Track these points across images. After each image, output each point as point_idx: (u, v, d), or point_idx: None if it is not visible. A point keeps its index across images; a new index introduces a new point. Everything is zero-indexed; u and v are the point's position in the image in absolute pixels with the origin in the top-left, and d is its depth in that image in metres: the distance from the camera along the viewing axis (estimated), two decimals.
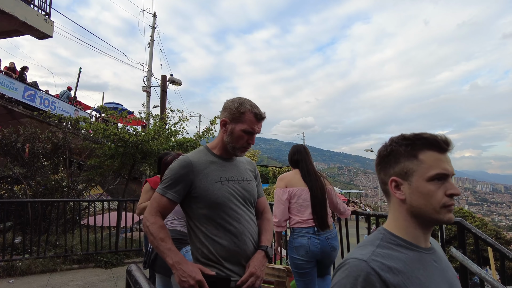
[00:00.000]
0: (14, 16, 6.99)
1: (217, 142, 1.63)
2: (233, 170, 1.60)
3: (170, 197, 1.49)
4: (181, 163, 1.51)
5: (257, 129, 1.55)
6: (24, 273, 4.91)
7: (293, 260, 2.58)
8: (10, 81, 12.27)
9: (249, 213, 1.57)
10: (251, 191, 1.61)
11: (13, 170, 7.32)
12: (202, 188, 1.48)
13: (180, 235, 2.39)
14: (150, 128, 7.62)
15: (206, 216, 1.48)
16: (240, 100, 1.55)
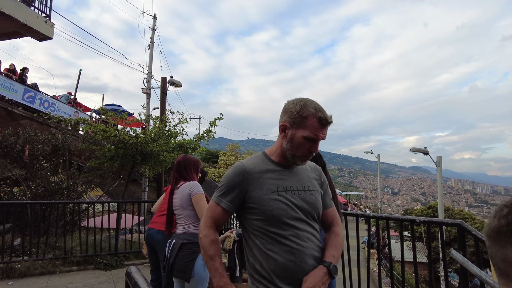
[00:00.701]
0: (15, 18, 6.99)
1: (276, 147, 1.47)
2: (293, 179, 1.43)
3: (224, 206, 1.39)
4: (236, 170, 1.40)
5: (321, 135, 1.37)
6: (23, 275, 4.90)
7: None
8: (10, 83, 12.28)
9: (310, 228, 1.38)
10: (313, 203, 1.42)
11: (13, 171, 7.31)
12: (257, 198, 1.35)
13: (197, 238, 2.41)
14: (150, 130, 7.62)
15: (261, 229, 1.35)
16: (303, 101, 1.38)
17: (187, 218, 2.48)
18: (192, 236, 2.43)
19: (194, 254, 2.37)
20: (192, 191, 2.47)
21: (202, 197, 2.49)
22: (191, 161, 2.70)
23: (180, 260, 2.35)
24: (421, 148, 15.00)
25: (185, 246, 2.38)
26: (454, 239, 19.99)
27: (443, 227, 3.01)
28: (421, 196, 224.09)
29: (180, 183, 2.57)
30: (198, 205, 2.46)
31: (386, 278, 16.01)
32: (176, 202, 2.53)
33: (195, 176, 2.66)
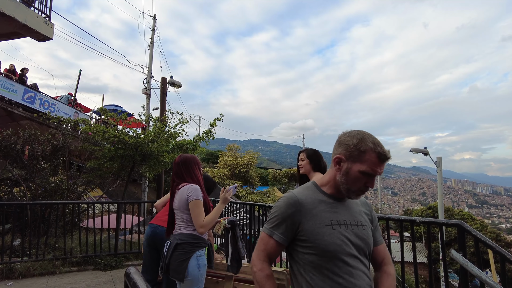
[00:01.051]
0: (14, 19, 7.00)
1: (328, 179, 1.42)
2: (345, 213, 1.38)
3: (277, 239, 1.34)
4: (288, 201, 1.35)
5: (379, 171, 1.30)
6: (23, 276, 4.89)
7: None
8: (10, 83, 12.29)
9: (362, 266, 1.32)
10: (366, 240, 1.36)
11: (13, 172, 7.30)
12: (310, 231, 1.30)
13: (194, 239, 2.42)
14: (149, 130, 7.62)
15: (313, 264, 1.29)
16: (360, 135, 1.32)
17: (184, 220, 2.48)
18: (187, 236, 2.43)
19: (188, 254, 2.36)
20: (190, 196, 2.44)
21: (199, 204, 2.46)
22: (190, 160, 2.65)
23: (174, 260, 2.36)
24: (421, 149, 15.00)
25: (179, 246, 2.38)
26: (454, 240, 19.98)
27: (443, 227, 3.00)
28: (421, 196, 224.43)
29: (181, 185, 2.56)
30: (194, 211, 2.44)
31: None
32: (175, 204, 2.54)
33: (195, 176, 2.61)
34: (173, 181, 2.65)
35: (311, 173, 2.96)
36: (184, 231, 2.45)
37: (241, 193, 15.43)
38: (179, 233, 2.46)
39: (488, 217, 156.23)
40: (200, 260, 2.40)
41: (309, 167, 2.96)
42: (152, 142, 7.09)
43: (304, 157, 3.01)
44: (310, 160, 2.96)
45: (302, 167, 3.00)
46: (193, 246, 2.39)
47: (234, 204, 7.27)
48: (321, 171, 2.95)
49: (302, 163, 3.00)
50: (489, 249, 2.56)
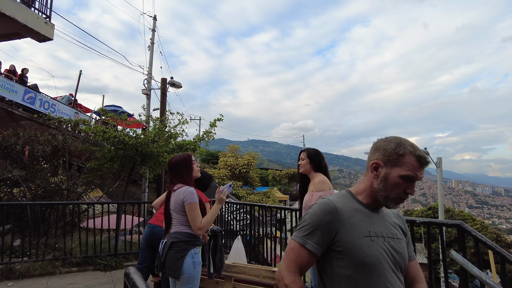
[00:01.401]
0: (15, 19, 7.00)
1: (364, 187, 1.33)
2: (381, 224, 1.30)
3: (310, 248, 1.22)
4: (325, 207, 1.25)
5: (419, 175, 1.24)
6: (23, 276, 4.89)
7: None
8: (10, 84, 12.30)
9: (399, 283, 1.24)
10: (402, 254, 1.28)
11: (13, 172, 7.31)
12: (348, 242, 1.21)
13: (189, 237, 2.45)
14: (150, 131, 7.62)
15: (349, 279, 1.20)
16: (397, 139, 1.28)
17: (179, 220, 2.53)
18: (182, 235, 2.46)
19: (183, 252, 2.40)
20: (186, 200, 2.47)
21: (195, 207, 2.49)
22: (179, 162, 2.67)
23: (170, 258, 2.40)
24: (421, 149, 15.01)
25: (174, 245, 2.42)
26: (454, 240, 19.96)
27: (443, 228, 3.00)
28: (421, 197, 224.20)
29: (177, 186, 2.59)
30: (191, 215, 2.47)
31: None
32: (171, 205, 2.58)
33: (188, 177, 2.63)
34: (170, 182, 2.69)
35: (312, 173, 2.95)
36: (179, 230, 2.49)
37: (241, 194, 15.41)
38: (174, 232, 2.50)
39: (489, 217, 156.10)
40: (195, 258, 2.43)
41: (309, 166, 2.95)
42: (152, 142, 7.09)
43: (305, 156, 3.00)
44: (311, 160, 2.95)
45: (302, 167, 3.00)
46: (188, 244, 2.42)
47: (234, 205, 7.26)
48: (322, 171, 2.95)
49: (302, 163, 3.00)
50: (490, 250, 2.55)
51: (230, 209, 7.28)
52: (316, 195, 2.73)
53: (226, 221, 7.22)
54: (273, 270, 3.18)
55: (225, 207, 7.21)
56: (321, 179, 2.83)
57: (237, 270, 3.29)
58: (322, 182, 2.80)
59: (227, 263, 3.39)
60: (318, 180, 2.82)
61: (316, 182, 2.82)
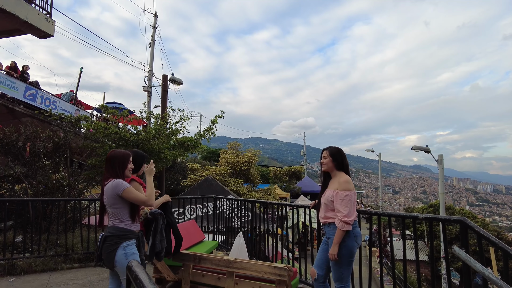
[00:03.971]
0: (15, 15, 7.00)
1: None
2: None
3: None
4: None
5: None
6: (25, 272, 4.91)
7: (352, 249, 2.88)
8: (11, 81, 12.29)
9: None
10: None
11: (14, 169, 7.31)
12: None
13: (120, 232, 2.63)
14: (151, 128, 7.61)
15: None
16: None
17: (113, 214, 2.69)
18: (115, 229, 2.64)
19: (115, 245, 2.60)
20: (118, 190, 2.61)
21: (130, 190, 2.62)
22: (116, 157, 2.78)
23: (104, 251, 2.62)
24: (423, 146, 14.95)
25: (108, 239, 2.63)
26: (455, 238, 19.94)
27: (445, 224, 2.99)
28: (422, 195, 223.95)
29: (108, 181, 2.72)
30: (132, 198, 2.63)
31: (387, 277, 15.99)
32: (105, 200, 2.71)
33: (121, 172, 2.75)
34: (104, 176, 2.82)
35: (334, 171, 3.05)
36: (113, 225, 2.67)
37: (242, 191, 15.41)
38: (109, 227, 2.69)
39: (490, 215, 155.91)
40: (127, 249, 2.61)
41: (332, 165, 3.04)
42: (153, 139, 7.08)
43: (327, 155, 3.07)
44: (333, 158, 3.04)
45: (324, 165, 3.07)
46: (120, 238, 2.61)
47: (235, 202, 7.25)
48: (344, 170, 3.03)
49: (325, 161, 3.06)
50: (491, 247, 2.54)
51: (232, 206, 7.27)
52: (342, 194, 2.85)
53: (228, 218, 7.22)
54: (274, 265, 3.18)
55: (226, 203, 7.22)
56: (347, 179, 2.94)
57: (238, 266, 3.29)
58: (347, 182, 2.91)
59: (228, 259, 3.40)
60: (344, 180, 2.92)
61: (342, 181, 2.92)
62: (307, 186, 27.44)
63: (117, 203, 2.65)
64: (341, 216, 2.82)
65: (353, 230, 2.90)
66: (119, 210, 2.66)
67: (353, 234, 2.91)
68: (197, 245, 4.82)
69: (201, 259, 3.50)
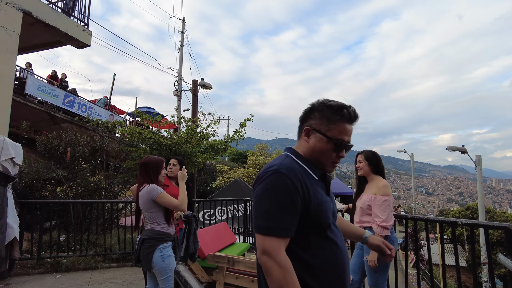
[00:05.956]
0: (57, 28, 7.42)
1: None
2: None
3: None
4: None
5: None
6: (69, 269, 5.20)
7: None
8: (52, 89, 13.06)
9: None
10: None
11: (56, 172, 7.75)
12: None
13: (157, 235, 2.76)
14: (183, 132, 7.83)
15: None
16: None
17: (149, 219, 2.80)
18: (151, 232, 2.77)
19: (152, 248, 2.72)
20: (153, 196, 2.73)
21: (164, 195, 2.75)
22: (150, 163, 2.89)
23: (142, 253, 2.75)
24: (458, 147, 14.30)
25: (145, 241, 2.76)
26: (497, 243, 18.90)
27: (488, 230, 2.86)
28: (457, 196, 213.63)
29: (143, 186, 2.83)
30: (165, 202, 2.75)
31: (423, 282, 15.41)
32: (140, 205, 2.83)
33: (155, 177, 2.87)
34: (138, 180, 2.94)
35: (371, 175, 3.03)
36: (150, 228, 2.79)
37: None
38: (146, 230, 2.81)
39: None
40: (164, 252, 2.73)
41: (368, 169, 3.01)
42: (185, 143, 7.29)
43: (363, 159, 3.05)
44: (369, 162, 3.01)
45: (360, 169, 3.05)
46: (157, 240, 2.73)
47: None
48: (380, 173, 3.00)
49: (361, 165, 3.05)
50: None
51: None
52: (380, 199, 2.82)
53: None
54: None
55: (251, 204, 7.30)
56: (385, 183, 2.91)
57: None
58: (386, 187, 2.88)
59: None
60: (383, 184, 2.90)
61: (381, 186, 2.89)
62: (336, 188, 27.00)
63: (152, 207, 2.77)
64: (379, 221, 2.79)
65: (390, 235, 2.85)
66: (154, 214, 2.78)
67: (390, 239, 2.86)
68: (229, 247, 4.91)
69: (235, 261, 3.57)
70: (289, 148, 1.39)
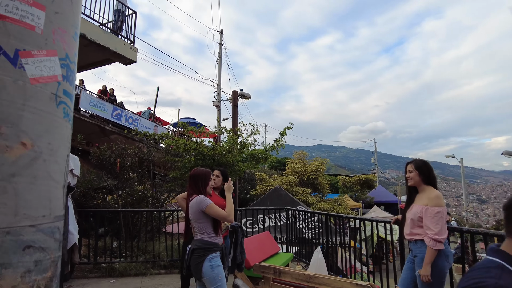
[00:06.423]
0: (107, 47, 7.98)
1: None
2: None
3: None
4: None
5: None
6: (122, 275, 5.49)
7: (443, 269, 2.72)
8: (102, 103, 13.99)
9: None
10: None
11: (107, 181, 8.26)
12: None
13: (206, 245, 2.83)
14: (225, 142, 8.05)
15: None
16: None
17: (198, 229, 2.89)
18: (201, 242, 2.84)
19: (202, 257, 2.79)
20: (202, 207, 2.83)
21: (212, 206, 2.83)
22: (199, 175, 3.01)
23: (192, 263, 2.83)
24: None
25: (195, 251, 2.83)
26: None
27: None
28: None
29: (192, 197, 2.93)
30: (214, 213, 2.83)
31: None
32: (190, 215, 2.93)
33: (203, 189, 2.97)
34: (188, 192, 3.04)
35: (422, 185, 2.93)
36: (199, 238, 2.87)
37: (311, 201, 15.21)
38: (196, 240, 2.89)
39: None
40: (213, 261, 2.79)
41: (419, 179, 2.92)
42: (227, 153, 7.47)
43: (413, 168, 2.97)
44: (420, 172, 2.93)
45: (411, 179, 2.97)
46: (206, 250, 2.81)
47: (306, 213, 7.25)
48: (432, 183, 2.90)
49: (411, 175, 2.97)
50: None
51: (302, 217, 7.27)
52: (433, 210, 2.72)
53: (298, 229, 7.22)
54: (357, 283, 3.10)
55: (296, 215, 7.28)
56: (438, 194, 2.80)
57: (319, 282, 3.27)
58: (438, 198, 2.78)
59: (308, 273, 3.40)
60: (435, 195, 2.79)
61: (433, 197, 2.78)
62: (380, 196, 25.95)
63: (201, 218, 2.87)
64: (432, 234, 2.66)
65: (444, 249, 2.72)
66: (203, 225, 2.88)
67: (444, 253, 2.73)
68: (273, 257, 4.90)
69: (281, 272, 3.56)
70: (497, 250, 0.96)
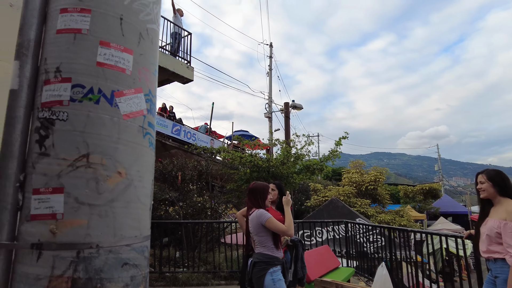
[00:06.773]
0: (166, 69, 8.58)
1: None
2: None
3: None
4: None
5: None
6: (185, 284, 5.71)
7: None
8: (163, 120, 14.97)
9: None
10: None
11: (169, 194, 8.76)
12: None
13: (267, 258, 2.84)
14: (279, 154, 8.12)
15: None
16: None
17: (259, 242, 2.90)
18: (262, 256, 2.85)
19: (263, 271, 2.80)
20: (262, 220, 2.85)
21: (272, 220, 2.85)
22: (257, 189, 3.06)
23: (254, 276, 2.84)
24: None
25: (257, 264, 2.85)
26: None
27: None
28: None
29: (252, 211, 2.97)
30: (273, 227, 2.85)
31: None
32: (250, 228, 2.96)
33: (262, 202, 3.01)
34: (247, 205, 3.10)
35: (497, 197, 2.67)
36: (260, 251, 2.89)
37: (371, 213, 14.51)
38: (257, 253, 2.91)
39: None
40: (274, 275, 2.80)
41: (493, 190, 2.67)
42: (281, 164, 7.52)
43: (485, 179, 2.72)
44: (494, 183, 2.66)
45: (483, 191, 2.73)
46: (267, 264, 2.82)
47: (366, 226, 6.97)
48: (509, 195, 2.63)
49: (483, 186, 2.72)
50: None
51: (362, 230, 6.99)
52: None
53: (358, 243, 6.94)
54: None
55: (356, 228, 7.03)
56: None
57: None
58: None
59: None
60: None
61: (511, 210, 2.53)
62: (446, 206, 23.88)
63: (261, 231, 2.90)
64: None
65: None
66: (263, 238, 2.91)
67: None
68: (334, 272, 4.77)
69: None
70: None
